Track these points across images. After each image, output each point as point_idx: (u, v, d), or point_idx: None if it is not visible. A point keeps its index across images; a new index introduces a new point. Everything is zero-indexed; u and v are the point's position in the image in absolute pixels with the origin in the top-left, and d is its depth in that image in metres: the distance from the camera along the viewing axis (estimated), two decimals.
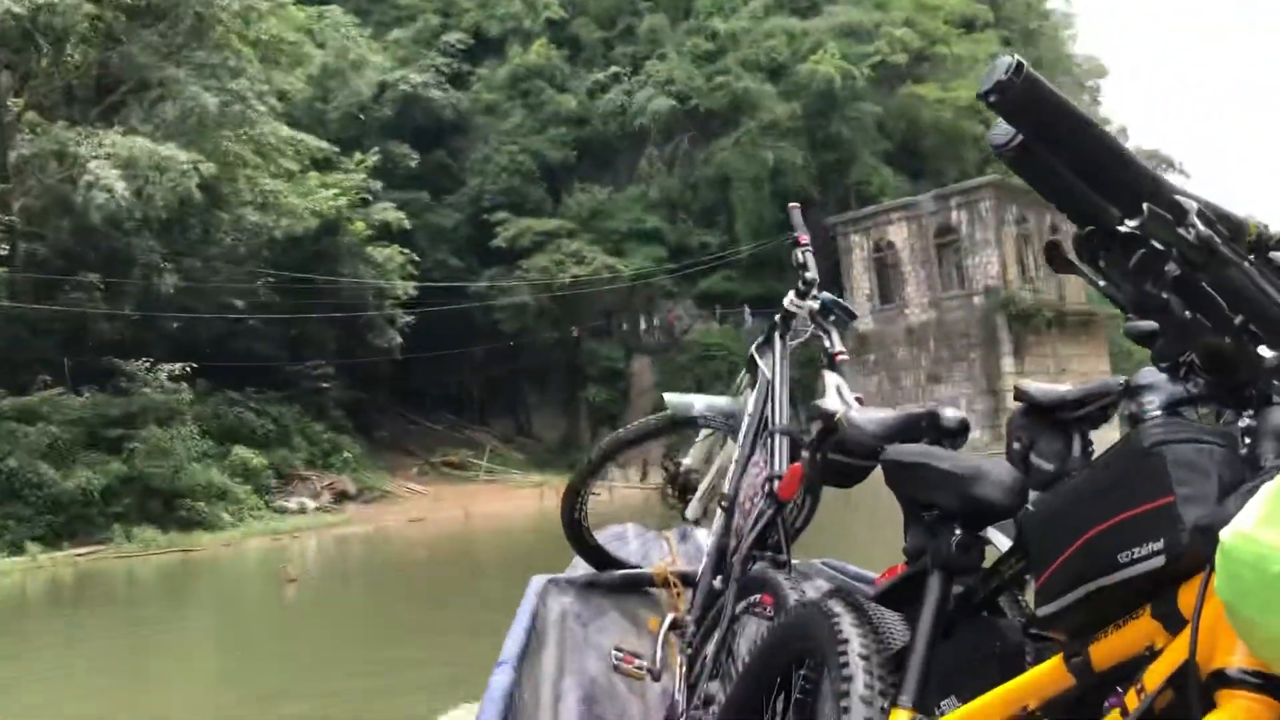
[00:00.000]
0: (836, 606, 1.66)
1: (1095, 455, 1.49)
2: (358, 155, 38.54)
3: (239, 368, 35.10)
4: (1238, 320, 0.99)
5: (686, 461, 3.44)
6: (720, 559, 2.80)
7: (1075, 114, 1.01)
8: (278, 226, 33.74)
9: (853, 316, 3.04)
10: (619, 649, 3.08)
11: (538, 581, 3.57)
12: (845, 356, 2.90)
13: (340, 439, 37.29)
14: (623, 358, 45.39)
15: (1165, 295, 1.00)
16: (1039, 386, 1.66)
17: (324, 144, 35.70)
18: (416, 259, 39.67)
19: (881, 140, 47.22)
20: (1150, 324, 1.12)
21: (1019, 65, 0.98)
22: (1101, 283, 1.08)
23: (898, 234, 43.99)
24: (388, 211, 38.24)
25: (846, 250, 45.41)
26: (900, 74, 48.16)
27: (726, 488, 2.90)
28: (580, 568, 3.74)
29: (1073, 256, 1.10)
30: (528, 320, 43.13)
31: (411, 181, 43.79)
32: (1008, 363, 41.17)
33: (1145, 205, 0.96)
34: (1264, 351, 1.03)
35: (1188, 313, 1.00)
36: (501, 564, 16.80)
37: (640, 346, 45.87)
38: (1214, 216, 1.00)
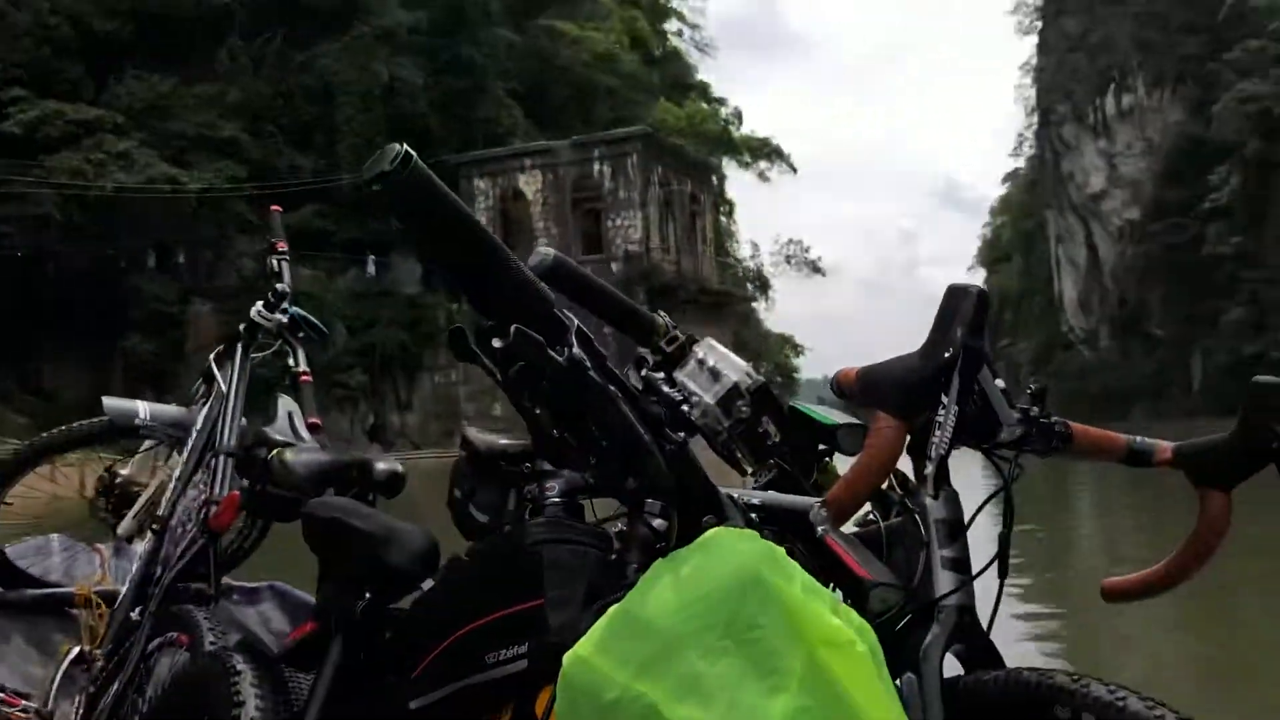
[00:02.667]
0: (240, 664, 1.62)
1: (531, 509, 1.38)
2: None
3: None
4: (607, 444, 1.00)
5: (125, 471, 3.05)
6: (144, 587, 2.54)
7: (464, 219, 1.00)
8: None
9: (324, 335, 2.88)
10: (1, 687, 2.75)
11: None
12: (309, 379, 2.78)
13: None
14: (178, 300, 35.60)
15: (538, 410, 1.01)
16: (480, 436, 1.56)
17: None
18: None
19: (511, 79, 41.01)
20: None
21: (407, 156, 0.96)
22: (500, 377, 1.06)
23: (530, 183, 38.02)
24: None
25: (469, 197, 38.70)
26: (539, 2, 42.34)
27: (163, 507, 2.65)
28: None
29: (476, 346, 1.07)
30: (49, 238, 32.18)
31: None
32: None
33: (513, 328, 0.97)
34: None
35: (555, 432, 1.02)
36: None
37: (204, 289, 36.32)
38: (592, 336, 1.01)
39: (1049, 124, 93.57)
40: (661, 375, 1.12)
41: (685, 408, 1.10)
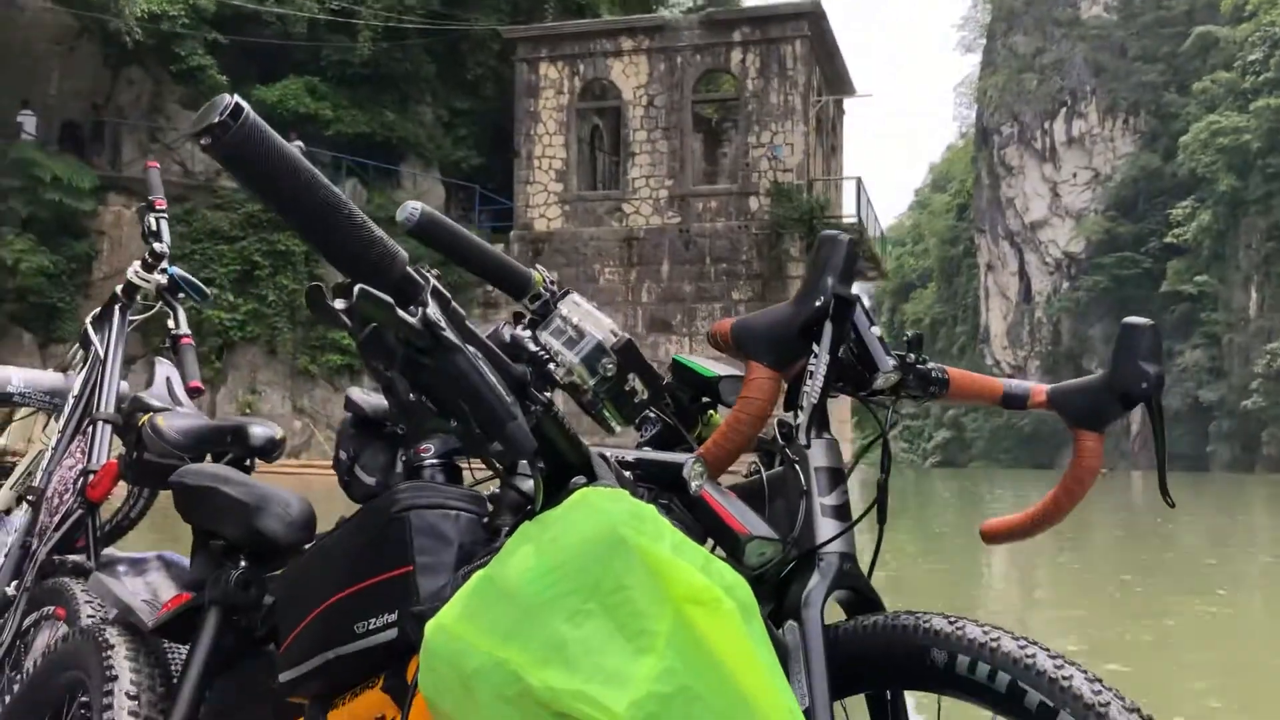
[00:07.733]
0: (114, 637, 1.63)
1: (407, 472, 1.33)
2: None
3: None
4: (467, 407, 0.98)
5: (1, 441, 3.05)
6: (20, 561, 2.54)
7: (303, 174, 0.93)
8: None
9: (205, 296, 2.77)
10: None
11: None
12: (190, 341, 2.69)
13: None
14: (90, 193, 22.04)
15: (390, 374, 0.97)
16: (365, 397, 1.46)
17: None
18: None
19: None
20: None
21: (237, 107, 0.89)
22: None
23: (628, 75, 26.01)
24: None
25: (530, 90, 26.36)
26: None
27: (38, 478, 2.63)
28: None
29: (337, 305, 0.97)
30: None
31: None
32: None
33: (357, 289, 0.92)
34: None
35: (412, 395, 0.98)
36: None
37: (122, 183, 22.83)
38: (450, 294, 0.99)
39: (989, 146, 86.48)
40: (528, 334, 1.09)
41: (551, 366, 1.06)
